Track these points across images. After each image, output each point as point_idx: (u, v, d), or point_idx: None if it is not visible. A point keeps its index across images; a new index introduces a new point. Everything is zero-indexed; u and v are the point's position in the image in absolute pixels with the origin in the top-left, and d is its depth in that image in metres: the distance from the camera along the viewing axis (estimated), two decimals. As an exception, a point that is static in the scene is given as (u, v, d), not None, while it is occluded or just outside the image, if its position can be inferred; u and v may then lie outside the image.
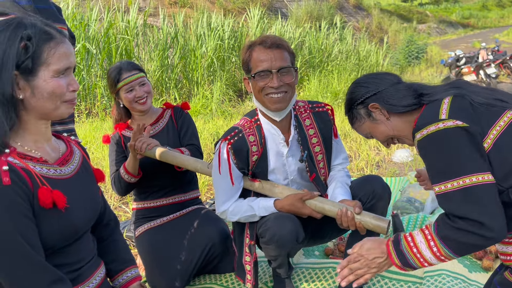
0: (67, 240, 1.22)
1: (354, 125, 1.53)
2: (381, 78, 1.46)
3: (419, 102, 1.36)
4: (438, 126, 1.19)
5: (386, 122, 1.43)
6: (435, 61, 15.57)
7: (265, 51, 1.71)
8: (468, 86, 1.32)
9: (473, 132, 1.17)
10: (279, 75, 1.71)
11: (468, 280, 2.02)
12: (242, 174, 1.87)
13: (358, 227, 1.67)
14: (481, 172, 1.15)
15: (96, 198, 1.38)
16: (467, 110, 1.22)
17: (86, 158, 1.40)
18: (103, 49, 7.38)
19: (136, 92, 2.18)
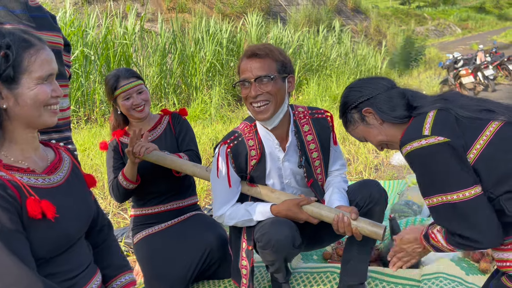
0: (60, 248, 1.21)
1: (348, 129, 1.55)
2: (375, 83, 1.48)
3: (409, 114, 1.38)
4: (421, 143, 1.23)
5: (379, 127, 1.45)
6: (433, 64, 15.61)
7: (246, 61, 1.75)
8: (457, 98, 1.34)
9: (455, 146, 1.20)
10: (257, 84, 1.72)
11: (465, 283, 2.02)
12: (240, 178, 1.88)
13: (354, 233, 1.68)
14: (465, 188, 1.19)
15: (88, 203, 1.38)
16: (451, 124, 1.24)
17: (76, 164, 1.40)
18: (101, 55, 7.40)
19: (133, 99, 2.19)
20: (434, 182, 1.23)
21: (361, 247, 1.84)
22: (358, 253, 1.86)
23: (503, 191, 1.18)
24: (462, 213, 1.19)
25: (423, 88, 11.11)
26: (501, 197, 1.18)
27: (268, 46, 1.78)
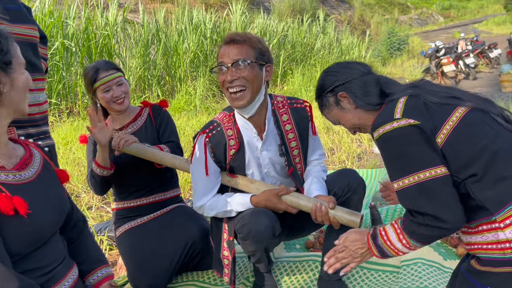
0: (34, 244, 1.21)
1: (323, 112, 1.57)
2: (351, 68, 1.50)
3: (381, 101, 1.41)
4: (392, 125, 1.25)
5: (353, 111, 1.47)
6: (416, 52, 15.75)
7: (224, 47, 1.75)
8: (426, 85, 1.37)
9: (425, 128, 1.23)
10: (233, 69, 1.72)
11: (443, 268, 2.07)
12: (219, 168, 1.89)
13: (332, 222, 1.71)
14: (433, 166, 1.21)
15: (61, 199, 1.37)
16: (420, 108, 1.27)
17: (47, 160, 1.40)
18: (82, 46, 7.28)
19: (113, 92, 2.17)
20: (404, 163, 1.25)
21: (339, 235, 1.86)
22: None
23: (468, 175, 1.22)
24: (430, 191, 1.21)
25: (406, 77, 11.21)
26: (467, 181, 1.22)
27: (247, 33, 1.79)
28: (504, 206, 1.17)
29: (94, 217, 3.26)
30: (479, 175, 1.20)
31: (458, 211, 1.21)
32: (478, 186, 1.20)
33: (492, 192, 1.19)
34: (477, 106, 1.28)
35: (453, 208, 1.20)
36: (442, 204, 1.20)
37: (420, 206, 1.23)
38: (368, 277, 2.10)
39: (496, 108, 1.32)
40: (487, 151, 1.20)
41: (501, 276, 1.19)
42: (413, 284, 1.91)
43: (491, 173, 1.19)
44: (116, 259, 2.66)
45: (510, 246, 1.16)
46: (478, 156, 1.20)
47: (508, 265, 1.17)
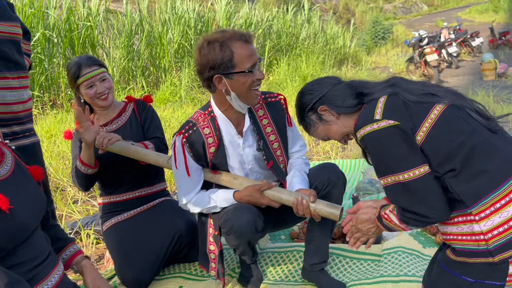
0: (17, 240, 1.24)
1: (310, 132, 1.62)
2: (322, 82, 1.58)
3: (360, 101, 1.46)
4: (373, 127, 1.30)
5: (337, 121, 1.52)
6: (400, 41, 15.85)
7: (248, 46, 1.73)
8: (403, 83, 1.41)
9: (404, 128, 1.27)
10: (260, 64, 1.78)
11: (422, 255, 2.15)
12: (201, 166, 1.91)
13: (313, 215, 1.76)
14: (414, 167, 1.26)
15: (38, 195, 1.40)
16: (400, 108, 1.32)
17: (18, 158, 1.42)
18: (64, 37, 7.17)
19: (96, 88, 2.17)
20: (386, 163, 1.31)
21: (322, 228, 1.92)
22: (319, 234, 1.94)
23: (447, 170, 1.27)
24: (412, 191, 1.27)
25: (390, 66, 11.32)
26: (445, 176, 1.27)
27: None
28: (479, 200, 1.22)
29: (80, 211, 3.27)
30: (457, 170, 1.25)
31: (441, 206, 1.27)
32: (455, 180, 1.26)
33: (468, 186, 1.24)
34: (453, 102, 1.33)
35: (435, 204, 1.27)
36: (425, 203, 1.27)
37: (404, 203, 1.31)
38: (350, 266, 2.17)
39: (468, 102, 1.37)
40: (465, 146, 1.25)
41: (475, 266, 1.25)
42: (393, 272, 1.98)
43: (469, 168, 1.25)
44: (103, 252, 2.68)
45: (484, 238, 1.22)
46: (456, 152, 1.25)
47: (482, 256, 1.23)
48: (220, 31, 1.76)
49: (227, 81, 1.74)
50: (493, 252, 1.20)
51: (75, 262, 1.51)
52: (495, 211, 1.21)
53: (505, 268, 1.20)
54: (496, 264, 1.21)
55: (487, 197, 1.22)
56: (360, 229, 1.54)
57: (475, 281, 1.24)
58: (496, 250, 1.20)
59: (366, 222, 1.51)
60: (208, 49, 1.71)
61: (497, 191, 1.21)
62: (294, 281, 2.12)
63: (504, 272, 1.20)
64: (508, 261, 1.20)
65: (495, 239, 1.20)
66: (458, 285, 1.27)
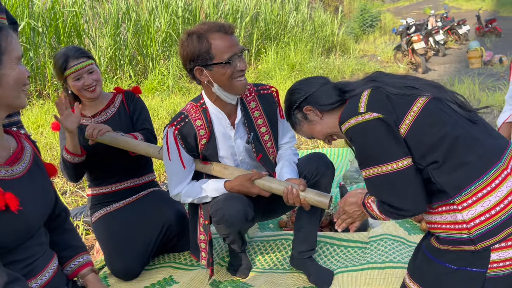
0: (21, 239, 1.23)
1: (296, 129, 1.66)
2: (310, 82, 1.61)
3: (343, 98, 1.49)
4: (357, 119, 1.32)
5: (321, 121, 1.56)
6: (388, 29, 15.87)
7: (227, 37, 1.74)
8: (384, 77, 1.44)
9: (388, 121, 1.30)
10: (243, 57, 1.78)
11: (408, 242, 2.20)
12: (192, 157, 1.93)
13: (303, 204, 1.79)
14: (396, 159, 1.29)
15: (49, 193, 1.39)
16: (383, 101, 1.34)
17: (37, 153, 1.40)
18: (49, 26, 7.05)
19: (84, 80, 2.15)
20: (369, 155, 1.33)
21: (310, 216, 1.96)
22: (308, 222, 1.97)
23: (429, 162, 1.29)
24: (392, 183, 1.30)
25: (378, 54, 11.35)
26: (428, 167, 1.30)
27: None
28: (462, 190, 1.25)
29: (69, 202, 3.27)
30: (440, 161, 1.28)
31: (419, 200, 1.30)
32: (438, 172, 1.28)
33: (451, 177, 1.27)
34: (435, 95, 1.35)
35: (414, 198, 1.30)
36: (403, 196, 1.30)
37: (383, 196, 1.35)
38: (337, 253, 2.21)
39: (449, 95, 1.40)
40: (447, 138, 1.27)
41: (458, 254, 1.29)
42: (380, 259, 2.03)
43: (451, 160, 1.27)
44: (92, 243, 2.69)
45: (467, 227, 1.25)
46: (439, 144, 1.28)
47: (465, 244, 1.27)
48: (202, 24, 1.77)
49: (208, 73, 1.77)
50: (475, 240, 1.24)
51: (80, 275, 1.45)
52: (477, 200, 1.24)
53: (487, 255, 1.24)
54: (478, 252, 1.25)
55: (469, 187, 1.25)
56: (347, 211, 1.60)
57: (458, 268, 1.28)
58: (478, 238, 1.24)
59: (352, 205, 1.57)
60: (187, 41, 1.75)
61: (479, 181, 1.24)
62: (283, 269, 2.16)
63: (486, 259, 1.24)
64: (489, 249, 1.23)
65: (477, 228, 1.24)
66: (442, 272, 1.31)
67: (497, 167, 1.25)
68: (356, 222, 1.63)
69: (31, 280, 1.27)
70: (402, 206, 1.31)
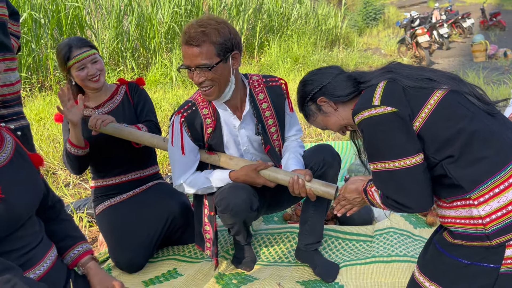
0: (11, 227, 1.22)
1: (309, 121, 1.64)
2: (323, 73, 1.58)
3: (358, 89, 1.46)
4: (370, 112, 1.29)
5: (335, 113, 1.54)
6: (392, 22, 15.78)
7: (185, 47, 1.68)
8: (401, 69, 1.40)
9: (402, 115, 1.27)
10: (198, 72, 1.70)
11: (413, 236, 2.18)
12: (198, 147, 1.91)
13: (309, 194, 1.77)
14: (406, 156, 1.27)
15: (36, 183, 1.38)
16: (399, 94, 1.30)
17: (19, 144, 1.39)
18: (51, 17, 7.02)
19: (88, 70, 2.13)
20: (379, 149, 1.31)
21: (316, 208, 1.94)
22: (314, 214, 1.96)
23: (444, 156, 1.26)
24: (399, 180, 1.29)
25: (381, 47, 11.29)
26: (443, 162, 1.27)
27: (203, 30, 1.64)
28: (478, 185, 1.23)
29: (72, 194, 3.26)
30: (455, 156, 1.25)
31: (424, 199, 1.29)
32: (454, 166, 1.25)
33: (467, 172, 1.24)
34: (453, 87, 1.32)
35: (420, 197, 1.28)
36: (409, 194, 1.28)
37: (389, 192, 1.33)
38: (343, 247, 2.19)
39: (467, 87, 1.36)
40: (464, 133, 1.24)
41: (472, 249, 1.27)
42: (385, 252, 2.01)
43: (467, 154, 1.24)
44: (96, 235, 2.68)
45: (482, 223, 1.23)
46: (455, 138, 1.25)
47: (479, 239, 1.24)
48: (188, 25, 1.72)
49: None
50: (491, 236, 1.22)
51: (81, 263, 1.45)
52: (494, 196, 1.22)
53: (501, 251, 1.22)
54: (492, 248, 1.22)
55: (486, 182, 1.22)
56: (347, 197, 1.62)
57: (471, 263, 1.26)
58: (494, 234, 1.22)
59: (353, 192, 1.59)
60: None
61: (496, 176, 1.22)
62: (288, 262, 2.15)
63: (500, 255, 1.22)
64: (505, 245, 1.21)
65: (493, 224, 1.22)
66: (454, 266, 1.29)
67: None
68: (355, 208, 1.65)
69: (29, 271, 1.26)
70: (407, 203, 1.30)
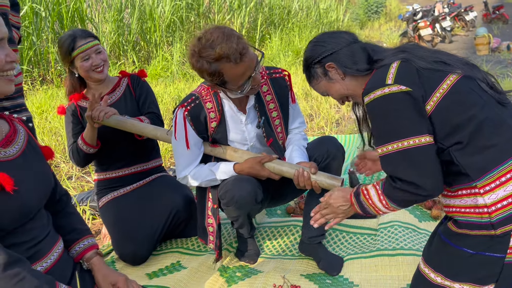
0: (20, 220, 1.21)
1: (311, 83, 1.56)
2: (337, 37, 1.49)
3: (371, 67, 1.41)
4: (384, 91, 1.26)
5: (341, 81, 1.47)
6: (394, 15, 15.71)
7: (240, 65, 1.64)
8: (415, 50, 1.36)
9: (415, 96, 1.24)
10: (256, 71, 1.71)
11: (418, 229, 2.17)
12: (202, 139, 1.90)
13: (314, 187, 1.75)
14: (419, 134, 1.23)
15: (46, 176, 1.37)
16: (413, 74, 1.27)
17: (31, 136, 1.38)
18: (52, 10, 6.99)
19: (92, 60, 2.12)
20: (390, 129, 1.27)
21: (320, 201, 1.92)
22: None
23: (453, 142, 1.25)
24: (413, 158, 1.24)
25: (383, 41, 11.23)
26: (451, 148, 1.25)
27: (238, 37, 1.65)
28: (485, 173, 1.21)
29: (75, 187, 3.25)
30: (464, 143, 1.23)
31: (438, 180, 1.24)
32: (462, 153, 1.24)
33: (474, 159, 1.22)
34: (466, 73, 1.29)
35: (434, 177, 1.24)
36: (423, 173, 1.23)
37: (401, 172, 1.26)
38: (347, 240, 2.19)
39: (481, 73, 1.34)
40: (475, 119, 1.22)
41: (476, 238, 1.26)
42: (390, 246, 2.00)
43: (476, 142, 1.22)
44: (99, 228, 2.68)
45: (488, 211, 1.21)
46: (466, 125, 1.23)
47: (484, 228, 1.23)
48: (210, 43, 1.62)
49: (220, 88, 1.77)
50: (496, 225, 1.21)
51: (85, 258, 1.44)
52: (500, 184, 1.20)
53: (506, 240, 1.21)
54: (497, 237, 1.21)
55: (493, 171, 1.21)
56: (331, 204, 1.51)
57: (476, 253, 1.25)
58: (499, 223, 1.20)
59: (339, 198, 1.49)
60: (198, 63, 1.66)
61: (504, 164, 1.20)
62: (291, 255, 2.14)
63: (505, 244, 1.21)
64: (510, 234, 1.20)
65: (498, 213, 1.20)
66: (459, 256, 1.28)
67: None
68: (336, 219, 1.53)
69: (36, 264, 1.25)
70: (420, 182, 1.23)
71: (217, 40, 1.61)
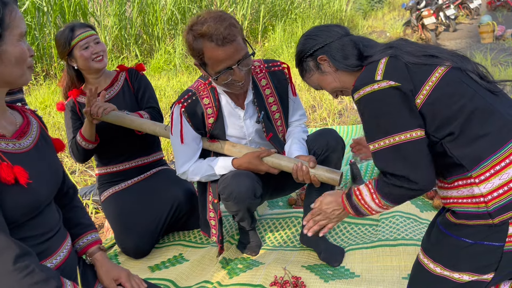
0: (31, 213, 1.22)
1: (304, 77, 1.56)
2: (329, 31, 1.50)
3: (360, 64, 1.41)
4: (373, 87, 1.26)
5: (334, 74, 1.47)
6: (397, 5, 15.54)
7: (222, 49, 1.59)
8: (404, 45, 1.37)
9: (405, 90, 1.24)
10: (240, 67, 1.66)
11: (420, 219, 2.17)
12: (200, 135, 1.90)
13: (313, 180, 1.75)
14: (410, 129, 1.24)
15: (57, 168, 1.37)
16: (401, 69, 1.28)
17: (44, 128, 1.38)
18: (54, 5, 6.98)
19: (92, 48, 2.12)
20: (381, 125, 1.27)
21: (320, 193, 1.91)
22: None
23: (445, 134, 1.25)
24: (405, 153, 1.24)
25: (387, 30, 11.14)
26: (444, 140, 1.25)
27: (230, 22, 1.61)
28: (479, 163, 1.21)
29: (78, 182, 3.27)
30: (455, 134, 1.23)
31: (430, 173, 1.25)
32: (454, 144, 1.24)
33: (468, 150, 1.22)
34: (455, 64, 1.29)
35: (425, 170, 1.24)
36: (415, 166, 1.24)
37: (394, 167, 1.26)
38: (348, 231, 2.19)
39: (471, 65, 1.34)
40: (465, 110, 1.22)
41: (475, 228, 1.26)
42: (391, 236, 2.00)
43: (468, 132, 1.22)
44: (102, 222, 2.70)
45: (484, 200, 1.21)
46: (456, 116, 1.23)
47: (481, 218, 1.23)
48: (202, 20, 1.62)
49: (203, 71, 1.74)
50: (493, 214, 1.21)
51: (88, 253, 1.44)
52: (495, 173, 1.20)
53: (504, 229, 1.21)
54: (495, 226, 1.21)
55: (487, 160, 1.21)
56: (324, 210, 1.50)
57: (475, 243, 1.25)
58: (496, 212, 1.20)
59: (332, 203, 1.49)
60: (187, 36, 1.66)
61: (497, 153, 1.20)
62: (293, 246, 2.15)
63: (504, 233, 1.21)
64: (508, 222, 1.20)
65: (495, 201, 1.20)
66: (458, 246, 1.28)
67: None
68: (329, 224, 1.53)
69: (46, 260, 1.25)
70: (412, 176, 1.23)
71: (209, 19, 1.61)
